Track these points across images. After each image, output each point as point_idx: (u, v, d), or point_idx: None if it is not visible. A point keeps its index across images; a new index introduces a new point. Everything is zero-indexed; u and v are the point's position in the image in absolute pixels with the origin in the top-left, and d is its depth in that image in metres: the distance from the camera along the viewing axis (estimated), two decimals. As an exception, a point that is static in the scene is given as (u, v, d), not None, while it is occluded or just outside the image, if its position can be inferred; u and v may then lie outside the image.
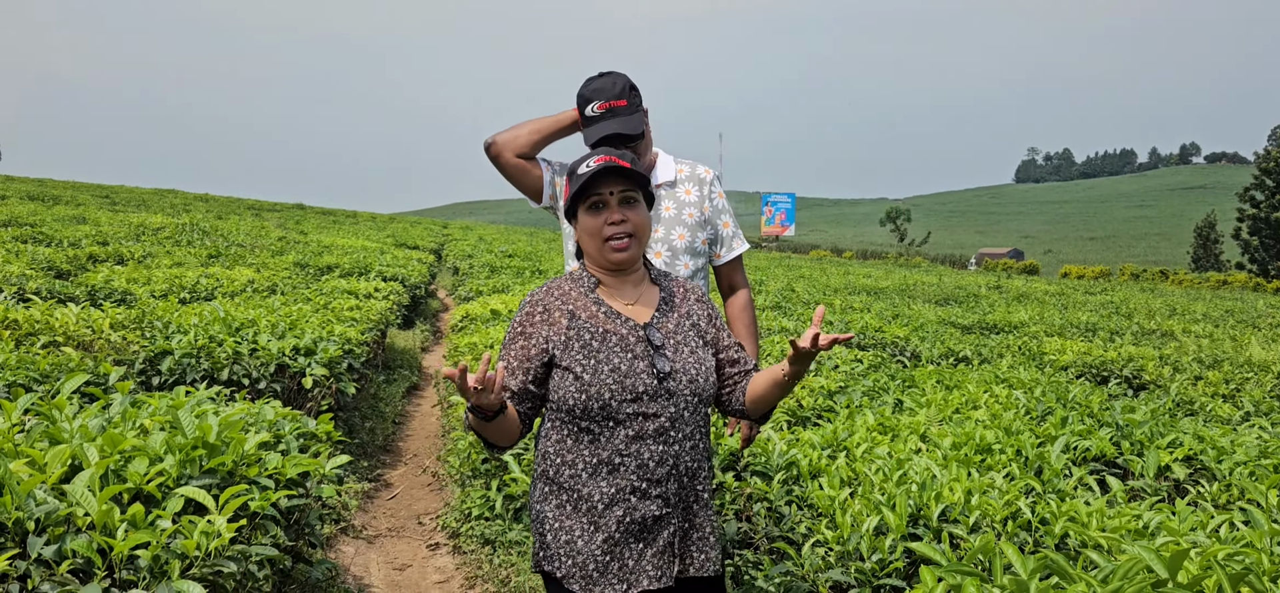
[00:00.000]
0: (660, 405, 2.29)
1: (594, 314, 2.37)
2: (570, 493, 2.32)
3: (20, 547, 2.13)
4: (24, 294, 7.65)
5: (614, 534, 2.27)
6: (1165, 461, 4.16)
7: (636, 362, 2.30)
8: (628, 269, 2.44)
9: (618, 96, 2.94)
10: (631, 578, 2.28)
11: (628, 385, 2.27)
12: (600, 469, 2.30)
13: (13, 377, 4.14)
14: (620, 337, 2.34)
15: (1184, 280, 47.50)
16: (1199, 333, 12.91)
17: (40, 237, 14.30)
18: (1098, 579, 2.09)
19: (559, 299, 2.40)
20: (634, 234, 2.38)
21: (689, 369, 2.35)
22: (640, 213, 2.40)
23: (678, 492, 2.34)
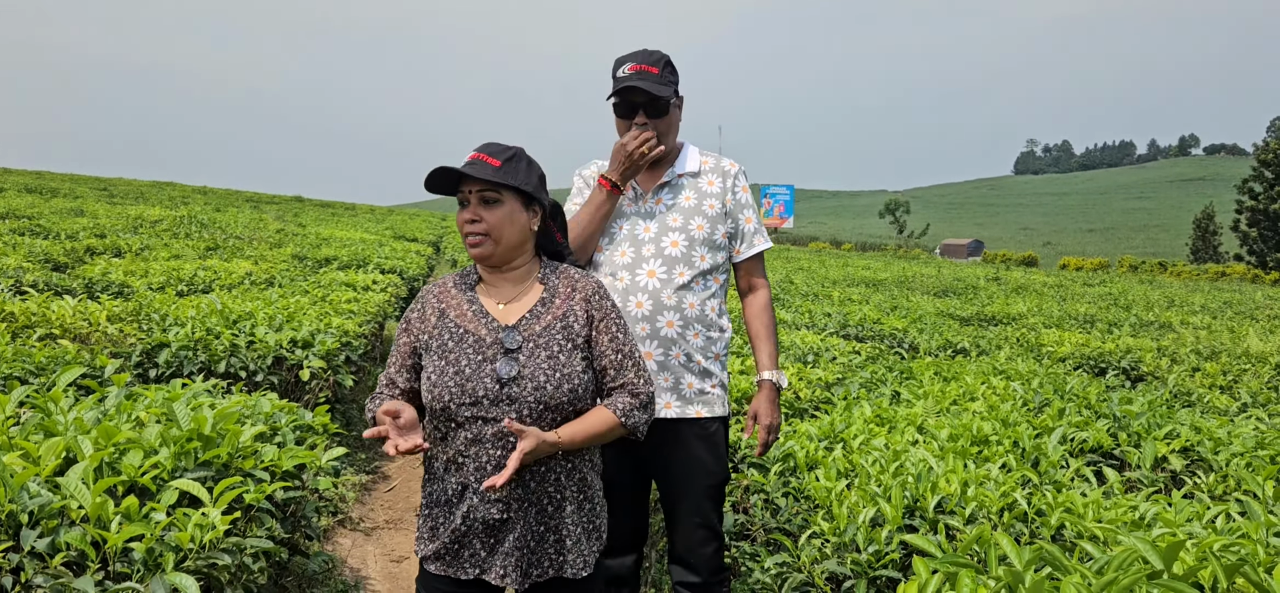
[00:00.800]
0: (501, 411, 2.28)
1: (463, 313, 2.40)
2: (434, 483, 2.40)
3: (13, 540, 2.12)
4: (21, 286, 7.64)
5: (460, 529, 2.33)
6: (1162, 452, 4.16)
7: (484, 365, 2.30)
8: (501, 267, 2.44)
9: (650, 63, 2.92)
10: (483, 565, 2.34)
11: (468, 389, 2.28)
12: (450, 467, 2.36)
13: (8, 369, 4.14)
14: (477, 338, 2.34)
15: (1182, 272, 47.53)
16: (1197, 324, 12.91)
17: (37, 229, 14.28)
18: (1093, 570, 2.09)
19: (437, 297, 2.45)
20: (488, 234, 2.37)
21: (538, 376, 2.30)
22: (499, 213, 2.37)
23: (523, 498, 2.33)
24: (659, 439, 2.99)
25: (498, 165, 2.35)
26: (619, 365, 2.43)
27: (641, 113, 2.92)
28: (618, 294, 2.94)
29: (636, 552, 3.19)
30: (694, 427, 2.98)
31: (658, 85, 2.90)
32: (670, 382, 2.94)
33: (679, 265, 2.94)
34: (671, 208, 2.99)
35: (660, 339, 2.92)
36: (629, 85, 2.89)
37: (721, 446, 3.04)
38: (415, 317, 2.45)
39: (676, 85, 2.99)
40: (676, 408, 2.96)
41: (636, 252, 2.96)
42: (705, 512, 3.01)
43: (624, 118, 2.95)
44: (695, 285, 2.96)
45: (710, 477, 3.00)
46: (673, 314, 2.92)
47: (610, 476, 3.10)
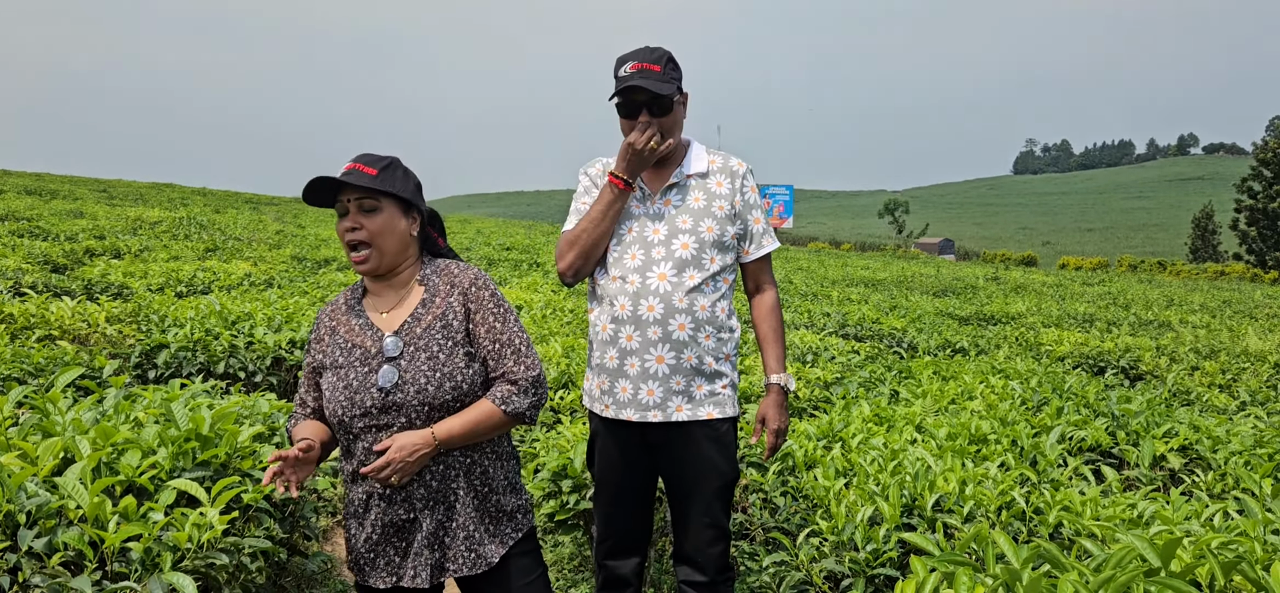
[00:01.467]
0: (391, 417, 2.31)
1: (351, 327, 2.42)
2: (348, 493, 2.44)
3: (10, 540, 2.12)
4: (20, 288, 7.64)
5: (372, 535, 2.37)
6: (1160, 450, 4.16)
7: (370, 376, 2.33)
8: (385, 276, 2.45)
9: (652, 61, 2.90)
10: (399, 571, 2.37)
11: (356, 401, 2.31)
12: (355, 478, 2.39)
13: (7, 370, 4.14)
14: (363, 350, 2.37)
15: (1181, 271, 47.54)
16: (1196, 323, 12.92)
17: (37, 231, 14.29)
18: (1090, 568, 2.09)
19: (329, 315, 2.49)
20: (369, 241, 2.37)
21: (419, 379, 2.32)
22: (378, 221, 2.37)
23: (427, 496, 2.36)
24: (670, 441, 2.98)
25: (374, 174, 2.36)
26: (498, 355, 2.44)
27: (645, 112, 2.91)
28: (628, 297, 2.92)
29: (641, 553, 3.19)
30: (705, 428, 2.97)
31: (660, 83, 2.88)
32: (682, 385, 2.93)
33: (689, 268, 2.92)
34: (680, 209, 2.96)
35: (672, 342, 2.90)
36: (631, 85, 2.88)
37: (732, 445, 3.03)
38: (313, 338, 2.49)
39: (679, 82, 2.96)
40: (687, 410, 2.94)
41: (647, 255, 2.94)
42: (715, 512, 3.00)
43: (628, 117, 2.93)
44: (706, 287, 2.94)
45: (721, 477, 2.99)
46: (684, 317, 2.90)
47: (621, 477, 3.10)
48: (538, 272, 15.13)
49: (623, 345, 2.94)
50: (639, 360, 2.92)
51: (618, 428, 3.02)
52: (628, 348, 2.94)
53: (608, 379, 3.00)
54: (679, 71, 2.98)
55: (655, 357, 2.91)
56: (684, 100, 3.02)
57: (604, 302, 3.02)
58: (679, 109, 2.98)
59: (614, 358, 2.97)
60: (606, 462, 3.11)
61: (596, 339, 3.05)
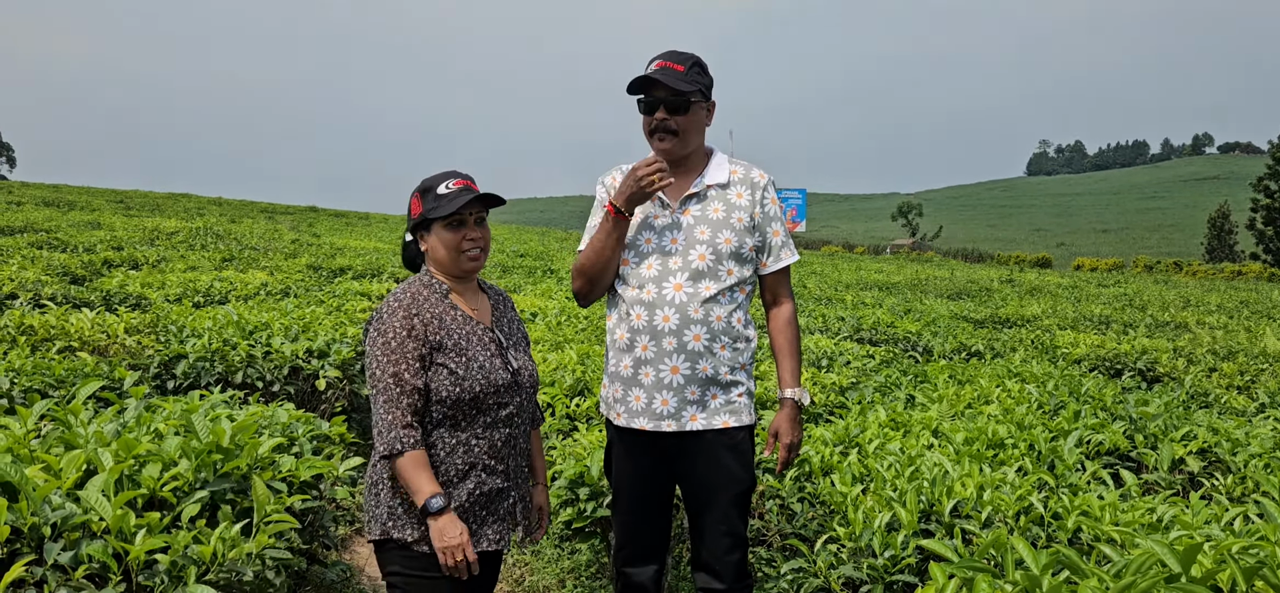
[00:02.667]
0: (510, 396, 2.69)
1: (455, 317, 2.68)
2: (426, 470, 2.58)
3: (37, 553, 2.14)
4: (40, 300, 7.71)
5: (464, 503, 2.62)
6: (1179, 454, 4.14)
7: (493, 359, 2.68)
8: (472, 277, 2.79)
9: (677, 61, 2.90)
10: (477, 536, 2.65)
11: (491, 380, 2.64)
12: (457, 449, 2.62)
13: (29, 382, 4.17)
14: (478, 338, 2.69)
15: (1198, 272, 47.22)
16: (1213, 325, 12.84)
17: (55, 242, 14.40)
18: (1110, 574, 2.08)
19: (426, 303, 2.66)
20: (484, 250, 2.73)
21: (529, 365, 2.82)
22: (488, 231, 2.76)
23: (516, 468, 2.77)
24: (687, 450, 2.97)
25: (478, 190, 2.69)
26: None
27: (662, 108, 2.90)
28: (644, 308, 2.92)
29: (659, 561, 3.18)
30: (722, 437, 2.96)
31: (681, 82, 2.88)
32: (697, 394, 2.92)
33: (705, 279, 2.90)
34: (699, 220, 2.94)
35: (687, 353, 2.89)
36: (646, 77, 2.88)
37: (749, 454, 3.02)
38: (418, 324, 2.61)
39: (705, 87, 2.95)
40: (703, 420, 2.93)
41: (663, 265, 2.93)
42: (732, 520, 2.99)
43: (645, 113, 2.94)
44: (722, 298, 2.92)
45: (738, 484, 2.98)
46: (700, 328, 2.89)
47: (637, 485, 3.10)
48: (552, 278, 15.16)
49: (638, 354, 2.94)
50: (654, 370, 2.92)
51: (632, 436, 3.02)
52: (643, 357, 2.94)
53: (622, 387, 3.00)
54: (707, 78, 2.97)
55: (670, 367, 2.91)
56: (709, 107, 3.01)
57: (621, 310, 3.02)
58: (699, 112, 2.95)
59: (629, 366, 2.97)
60: (623, 470, 3.12)
61: (613, 347, 3.06)
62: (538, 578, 4.42)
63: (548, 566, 4.47)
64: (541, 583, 4.38)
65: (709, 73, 2.99)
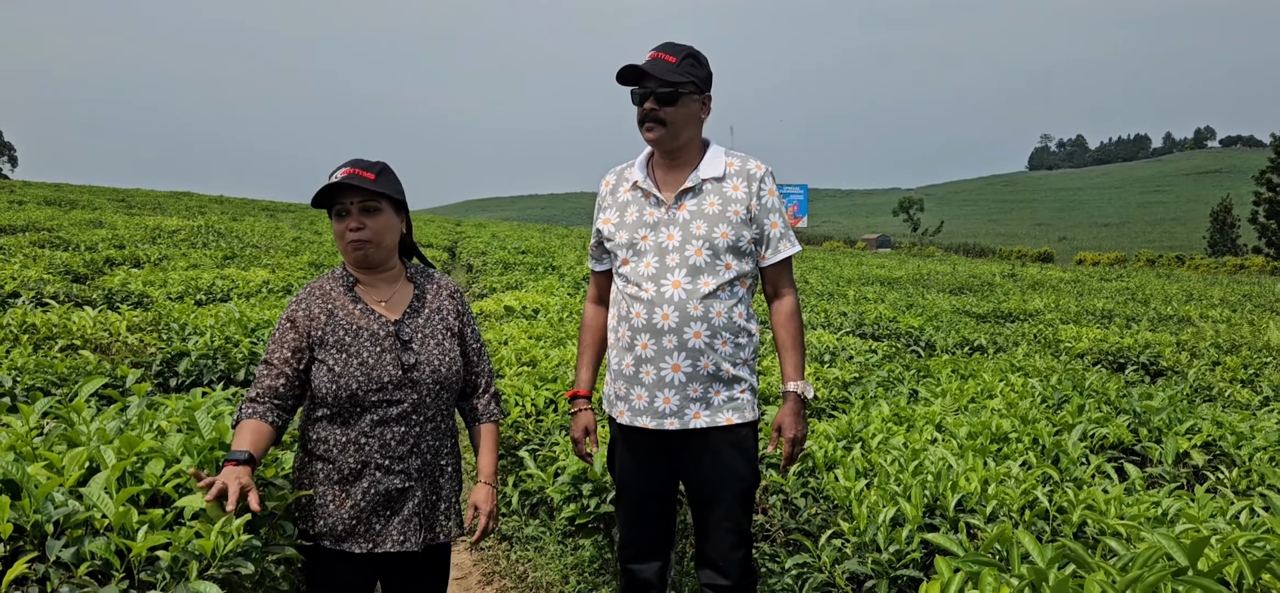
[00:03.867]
0: (405, 393, 2.61)
1: (350, 312, 2.65)
2: (323, 464, 2.62)
3: (39, 550, 2.14)
4: (42, 298, 7.71)
5: (360, 503, 2.59)
6: (1183, 447, 4.13)
7: (385, 355, 2.61)
8: (377, 269, 2.72)
9: (669, 52, 2.87)
10: (377, 539, 2.61)
11: (374, 377, 2.58)
12: (347, 447, 2.60)
13: (31, 380, 4.17)
14: (371, 333, 2.63)
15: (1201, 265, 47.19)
16: (1216, 318, 12.82)
17: (58, 241, 14.40)
18: (1117, 568, 2.08)
19: (320, 298, 2.67)
20: (370, 240, 2.62)
21: (433, 360, 2.67)
22: (380, 221, 2.63)
23: (422, 468, 2.67)
24: (689, 447, 2.96)
25: (373, 178, 2.61)
26: (478, 354, 2.89)
27: (651, 100, 2.88)
28: (643, 305, 2.89)
29: (664, 557, 3.18)
30: (725, 433, 2.93)
31: (671, 73, 2.85)
32: (699, 392, 2.89)
33: (704, 274, 2.87)
34: (695, 215, 2.91)
35: (688, 350, 2.86)
36: (634, 67, 2.85)
37: (752, 450, 3.00)
38: (302, 315, 2.64)
39: (698, 80, 2.90)
40: (706, 417, 2.91)
41: (661, 262, 2.90)
42: (736, 516, 2.97)
43: (636, 104, 2.92)
44: (721, 293, 2.89)
45: (741, 482, 2.96)
46: (700, 324, 2.86)
47: (640, 482, 3.09)
48: (553, 275, 15.15)
49: (638, 353, 2.93)
50: (654, 369, 2.90)
51: (635, 434, 3.01)
52: (643, 356, 2.92)
53: (624, 386, 2.99)
54: (703, 71, 2.93)
55: (671, 365, 2.89)
56: (703, 100, 2.97)
57: (621, 309, 3.00)
58: (690, 104, 2.90)
59: (630, 365, 2.96)
60: (625, 467, 3.11)
61: (615, 345, 3.04)
62: (541, 574, 4.41)
63: (551, 562, 4.47)
64: (545, 579, 4.37)
65: (706, 66, 2.95)
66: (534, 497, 4.86)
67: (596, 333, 3.24)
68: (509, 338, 7.38)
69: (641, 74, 2.87)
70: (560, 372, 5.65)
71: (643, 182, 2.97)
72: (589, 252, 3.24)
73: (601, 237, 3.10)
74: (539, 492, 4.77)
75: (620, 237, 2.98)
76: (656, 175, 3.01)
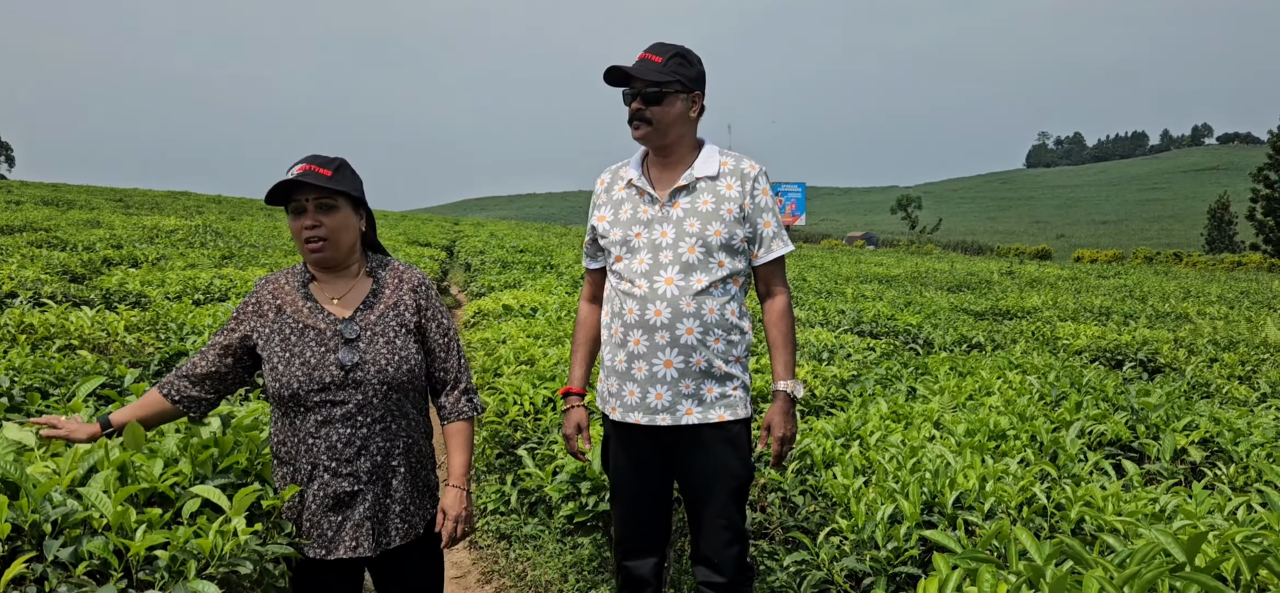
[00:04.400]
0: (349, 393, 2.55)
1: (299, 309, 2.62)
2: (283, 466, 2.63)
3: (37, 549, 2.14)
4: (40, 298, 7.70)
5: (311, 506, 2.57)
6: (1181, 443, 4.14)
7: (328, 354, 2.55)
8: (335, 267, 2.68)
9: (656, 52, 2.89)
10: (330, 545, 2.57)
11: (315, 377, 2.53)
12: (299, 448, 2.58)
13: (29, 380, 4.17)
14: (317, 331, 2.58)
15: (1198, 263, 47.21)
16: (1214, 315, 12.83)
17: (55, 241, 14.38)
18: (1114, 564, 2.08)
19: (272, 294, 2.65)
20: (327, 238, 2.59)
21: (379, 360, 2.58)
22: (336, 218, 2.59)
23: (371, 471, 2.59)
24: (682, 444, 2.97)
25: (329, 175, 2.57)
26: (446, 350, 2.77)
27: (638, 100, 2.90)
28: (636, 302, 2.91)
29: (659, 554, 3.19)
30: (717, 430, 2.95)
31: (656, 73, 2.86)
32: (691, 388, 2.91)
33: (696, 272, 2.89)
34: (688, 213, 2.93)
35: (680, 347, 2.88)
36: (617, 68, 2.88)
37: (745, 447, 3.01)
38: (250, 310, 2.64)
39: (686, 79, 2.91)
40: (698, 413, 2.92)
41: (654, 259, 2.92)
42: (730, 513, 2.99)
43: (626, 103, 2.95)
44: (714, 291, 2.90)
45: (734, 479, 2.98)
46: (692, 321, 2.88)
47: (633, 479, 3.10)
48: (552, 273, 15.15)
49: (631, 349, 2.94)
50: (646, 365, 2.92)
51: (627, 431, 3.03)
52: (635, 352, 2.93)
53: (617, 382, 3.00)
54: (692, 69, 2.94)
55: (663, 361, 2.90)
56: (693, 100, 2.98)
57: (614, 305, 3.02)
58: (676, 103, 2.91)
59: (623, 361, 2.98)
60: (619, 464, 3.12)
61: (608, 342, 3.06)
62: (540, 573, 4.41)
63: (551, 560, 4.47)
64: (544, 578, 4.37)
65: (696, 65, 2.96)
66: (533, 495, 4.86)
67: (590, 331, 3.24)
68: (507, 337, 7.38)
69: (627, 76, 2.89)
70: (558, 370, 5.65)
71: (637, 179, 3.00)
72: (584, 250, 3.26)
73: (596, 234, 3.11)
74: (537, 490, 4.78)
75: (614, 234, 3.00)
76: (651, 173, 3.03)
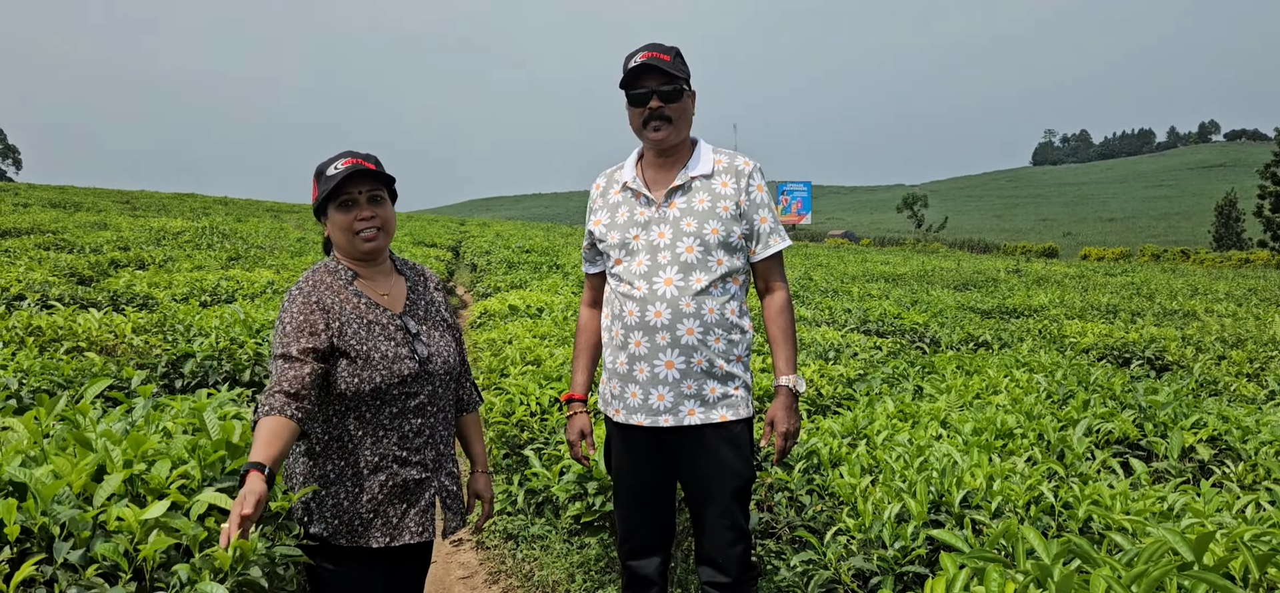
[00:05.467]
0: (420, 386, 2.62)
1: (356, 305, 2.62)
2: (339, 462, 2.59)
3: (47, 552, 2.15)
4: (47, 300, 7.72)
5: (377, 495, 2.58)
6: (1189, 442, 4.12)
7: (401, 349, 2.60)
8: (378, 259, 2.72)
9: (662, 51, 2.91)
10: (397, 530, 2.61)
11: (395, 371, 2.56)
12: (364, 441, 2.58)
13: (37, 382, 4.18)
14: (382, 326, 2.62)
15: (1205, 260, 47.08)
16: (1222, 312, 12.80)
17: (62, 243, 14.43)
18: (1122, 563, 2.08)
19: (327, 293, 2.62)
20: (382, 228, 2.65)
21: (444, 352, 2.70)
22: (386, 209, 2.67)
23: (436, 458, 2.69)
24: (685, 444, 2.97)
25: (374, 169, 2.62)
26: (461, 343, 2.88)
27: (656, 98, 2.91)
28: (636, 303, 2.92)
29: (663, 553, 3.19)
30: (719, 431, 2.96)
31: (671, 69, 2.90)
32: (693, 388, 2.91)
33: (696, 271, 2.90)
34: (685, 212, 2.94)
35: (681, 347, 2.89)
36: (642, 67, 2.89)
37: (747, 446, 3.02)
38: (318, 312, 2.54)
39: (688, 78, 2.97)
40: (701, 414, 2.93)
41: (653, 260, 2.93)
42: (733, 513, 2.99)
43: (637, 106, 2.94)
44: (713, 290, 2.91)
45: (737, 478, 2.98)
46: (692, 321, 2.88)
47: (636, 479, 3.10)
48: (558, 274, 15.15)
49: (632, 351, 2.95)
50: (648, 366, 2.93)
51: (630, 432, 3.03)
52: (636, 353, 2.94)
53: (619, 384, 3.01)
54: (687, 68, 2.99)
55: (665, 362, 2.91)
56: (692, 96, 3.01)
57: (614, 307, 3.02)
58: (687, 102, 2.97)
59: (624, 363, 2.98)
60: (622, 465, 3.12)
61: (609, 344, 3.07)
62: (547, 573, 4.42)
63: (557, 560, 4.47)
64: (551, 578, 4.38)
65: (686, 62, 3.01)
66: (539, 495, 4.86)
67: (591, 336, 3.25)
68: (514, 337, 7.38)
69: (648, 71, 2.89)
70: (564, 371, 5.65)
71: (632, 182, 3.01)
72: (583, 255, 3.27)
73: (594, 238, 3.12)
74: (544, 490, 4.78)
75: (612, 237, 3.01)
76: (646, 175, 3.05)
